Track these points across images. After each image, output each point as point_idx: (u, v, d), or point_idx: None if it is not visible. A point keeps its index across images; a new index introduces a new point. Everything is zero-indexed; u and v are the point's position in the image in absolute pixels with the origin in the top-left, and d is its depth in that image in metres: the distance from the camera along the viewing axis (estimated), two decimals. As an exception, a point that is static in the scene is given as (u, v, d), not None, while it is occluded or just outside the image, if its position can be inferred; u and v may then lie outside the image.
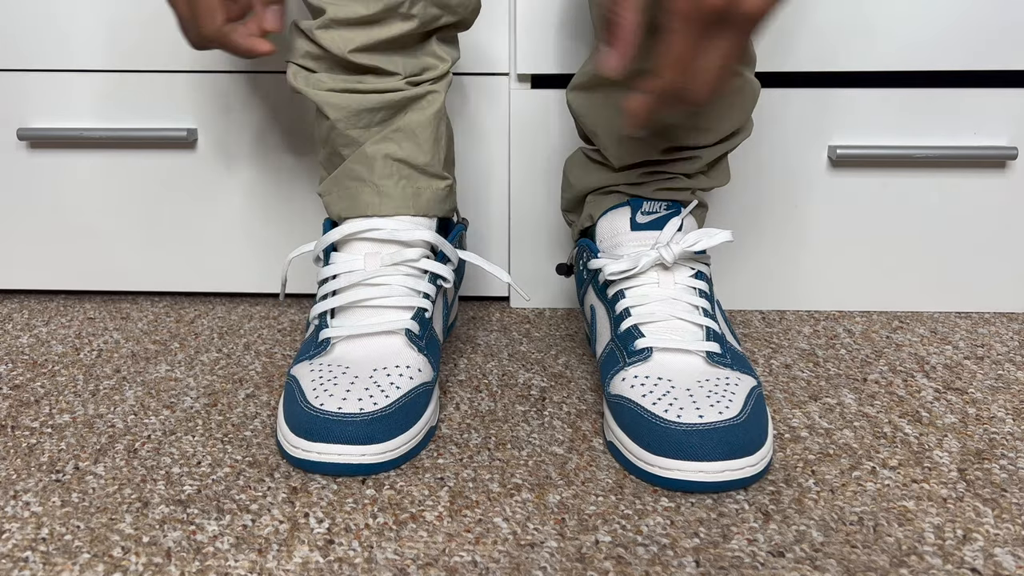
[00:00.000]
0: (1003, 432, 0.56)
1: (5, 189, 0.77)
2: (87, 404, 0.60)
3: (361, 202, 0.58)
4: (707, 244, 0.57)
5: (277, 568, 0.43)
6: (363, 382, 0.52)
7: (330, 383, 0.52)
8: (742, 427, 0.49)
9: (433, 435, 0.55)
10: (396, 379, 0.53)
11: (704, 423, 0.48)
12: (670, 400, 0.51)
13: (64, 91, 0.74)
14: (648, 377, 0.53)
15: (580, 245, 0.64)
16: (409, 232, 0.57)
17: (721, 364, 0.54)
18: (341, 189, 0.59)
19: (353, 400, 0.50)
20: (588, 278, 0.63)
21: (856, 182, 0.73)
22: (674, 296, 0.57)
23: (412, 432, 0.52)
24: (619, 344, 0.56)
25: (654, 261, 0.57)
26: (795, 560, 0.44)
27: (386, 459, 0.50)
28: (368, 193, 0.58)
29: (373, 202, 0.58)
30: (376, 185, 0.58)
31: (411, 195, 0.58)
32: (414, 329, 0.55)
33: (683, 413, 0.49)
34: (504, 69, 0.72)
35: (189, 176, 0.76)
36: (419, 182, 0.59)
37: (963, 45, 0.69)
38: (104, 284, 0.80)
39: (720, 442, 0.48)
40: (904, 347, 0.70)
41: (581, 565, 0.43)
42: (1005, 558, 0.44)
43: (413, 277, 0.57)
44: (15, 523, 0.47)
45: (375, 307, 0.56)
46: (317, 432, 0.49)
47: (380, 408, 0.50)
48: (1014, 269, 0.75)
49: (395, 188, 0.58)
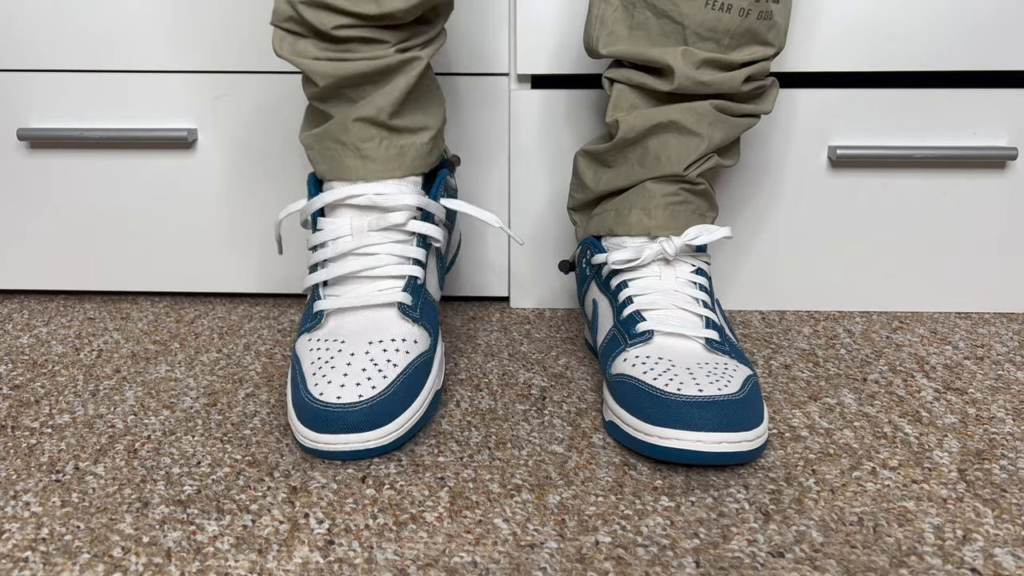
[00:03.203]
0: (1003, 432, 0.56)
1: (5, 189, 0.77)
2: (87, 404, 0.60)
3: (344, 166, 0.57)
4: (707, 239, 0.59)
5: (277, 568, 0.43)
6: (360, 360, 0.52)
7: (327, 365, 0.52)
8: (741, 403, 0.49)
9: (440, 399, 0.56)
10: (392, 355, 0.53)
11: (703, 395, 0.49)
12: (671, 376, 0.52)
13: (64, 91, 0.74)
14: (649, 357, 0.54)
15: (584, 243, 0.65)
16: (393, 198, 0.56)
17: (720, 351, 0.55)
18: (324, 149, 0.58)
19: (351, 386, 0.51)
20: (591, 274, 0.64)
21: (856, 182, 0.73)
22: (675, 288, 0.58)
23: (415, 406, 0.53)
24: (621, 328, 0.58)
25: (656, 254, 0.58)
26: (795, 560, 0.44)
27: (391, 440, 0.51)
28: (350, 157, 0.57)
29: (356, 165, 0.57)
30: (358, 148, 0.57)
31: (395, 156, 0.57)
32: (406, 301, 0.56)
33: (683, 387, 0.50)
34: (504, 69, 0.72)
35: (189, 176, 0.76)
36: (401, 139, 0.58)
37: (963, 45, 0.69)
38: (104, 284, 0.80)
39: (719, 414, 0.49)
40: (904, 347, 0.70)
41: (581, 566, 0.43)
42: (1005, 558, 0.44)
43: (401, 243, 0.57)
44: (15, 523, 0.47)
45: (366, 278, 0.56)
46: (320, 424, 0.50)
47: (379, 392, 0.51)
48: (1014, 269, 0.75)
49: (377, 150, 0.57)
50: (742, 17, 0.56)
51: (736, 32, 0.57)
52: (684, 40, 0.57)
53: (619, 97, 0.61)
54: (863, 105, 0.71)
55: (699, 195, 0.61)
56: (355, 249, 0.56)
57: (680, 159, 0.59)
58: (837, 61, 0.70)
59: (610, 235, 0.62)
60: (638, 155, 0.61)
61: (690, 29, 0.56)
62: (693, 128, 0.59)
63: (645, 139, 0.60)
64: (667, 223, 0.60)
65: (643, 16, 0.57)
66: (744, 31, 0.57)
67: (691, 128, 0.59)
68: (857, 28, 0.69)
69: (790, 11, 0.60)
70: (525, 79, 0.73)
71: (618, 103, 0.61)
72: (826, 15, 0.69)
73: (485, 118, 0.74)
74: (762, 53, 0.58)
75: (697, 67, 0.57)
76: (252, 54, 0.72)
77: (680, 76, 0.57)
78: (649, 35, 0.58)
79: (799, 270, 0.76)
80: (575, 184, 0.67)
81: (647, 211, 0.60)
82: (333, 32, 0.54)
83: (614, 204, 0.62)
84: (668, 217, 0.60)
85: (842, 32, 0.69)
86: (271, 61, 0.72)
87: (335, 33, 0.54)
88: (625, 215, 0.61)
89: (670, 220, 0.60)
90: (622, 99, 0.61)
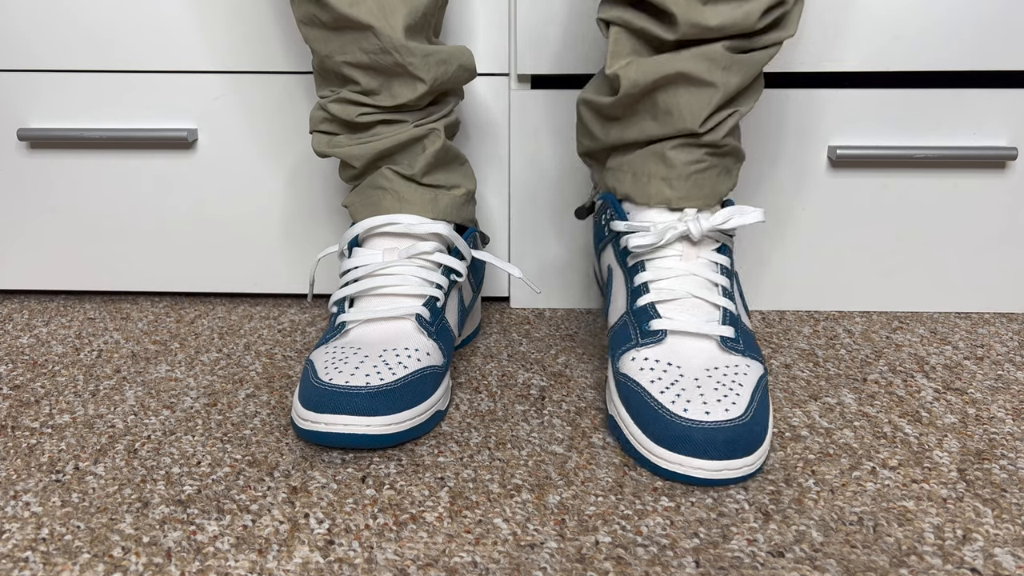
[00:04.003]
0: (1003, 432, 0.56)
1: (5, 189, 0.77)
2: (87, 404, 0.60)
3: (383, 206, 0.61)
4: (738, 223, 0.54)
5: (277, 568, 0.43)
6: (372, 360, 0.54)
7: (341, 362, 0.54)
8: (745, 427, 0.49)
9: (441, 419, 0.57)
10: (404, 359, 0.54)
11: (709, 421, 0.48)
12: (678, 391, 0.51)
13: (64, 91, 0.74)
14: (659, 361, 0.53)
15: (605, 198, 0.60)
16: (425, 226, 0.60)
17: (734, 350, 0.54)
18: (364, 198, 0.62)
19: (361, 376, 0.52)
20: (609, 237, 0.60)
21: (856, 182, 0.73)
22: (695, 271, 0.55)
23: (418, 410, 0.53)
24: (634, 320, 0.56)
25: (681, 234, 0.55)
26: (795, 560, 0.44)
27: (389, 431, 0.51)
28: (389, 199, 0.61)
29: (393, 205, 0.61)
30: (397, 192, 0.61)
31: (429, 200, 0.61)
32: (424, 315, 0.58)
33: (689, 407, 0.49)
34: (504, 69, 0.72)
35: (189, 176, 0.76)
36: (436, 191, 0.62)
37: (963, 45, 0.69)
38: (104, 284, 0.80)
39: (724, 441, 0.48)
40: (904, 347, 0.70)
41: (581, 566, 0.43)
42: (1005, 558, 0.44)
43: (427, 269, 0.60)
44: (15, 523, 0.47)
45: (389, 295, 0.59)
46: (325, 404, 0.51)
47: (386, 383, 0.52)
48: (1014, 269, 0.75)
49: (414, 194, 0.61)
50: None
51: None
52: None
53: (617, 43, 0.54)
54: (863, 105, 0.71)
55: (725, 155, 0.56)
56: (382, 269, 0.59)
57: (695, 114, 0.53)
58: (837, 61, 0.70)
59: (628, 201, 0.58)
60: (648, 108, 0.55)
61: None
62: (705, 77, 0.52)
63: (652, 93, 0.54)
64: (690, 193, 0.55)
65: None
66: None
67: (703, 77, 0.52)
68: (858, 28, 0.69)
69: None
70: (525, 79, 0.73)
71: (617, 50, 0.54)
72: (827, 15, 0.69)
73: (485, 118, 0.74)
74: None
75: (704, 2, 0.49)
76: (252, 54, 0.72)
77: (684, 23, 0.50)
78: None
79: (799, 270, 0.76)
80: (582, 131, 0.62)
81: (668, 182, 0.56)
82: (358, 120, 0.60)
83: (630, 164, 0.58)
84: (691, 187, 0.55)
85: (843, 32, 0.69)
86: (271, 61, 0.72)
87: (359, 120, 0.60)
88: (644, 183, 0.57)
89: (694, 189, 0.55)
90: (621, 45, 0.54)
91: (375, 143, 0.60)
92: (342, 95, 0.60)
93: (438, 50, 0.59)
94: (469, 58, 0.61)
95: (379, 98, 0.59)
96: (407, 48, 0.57)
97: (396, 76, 0.58)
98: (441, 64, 0.59)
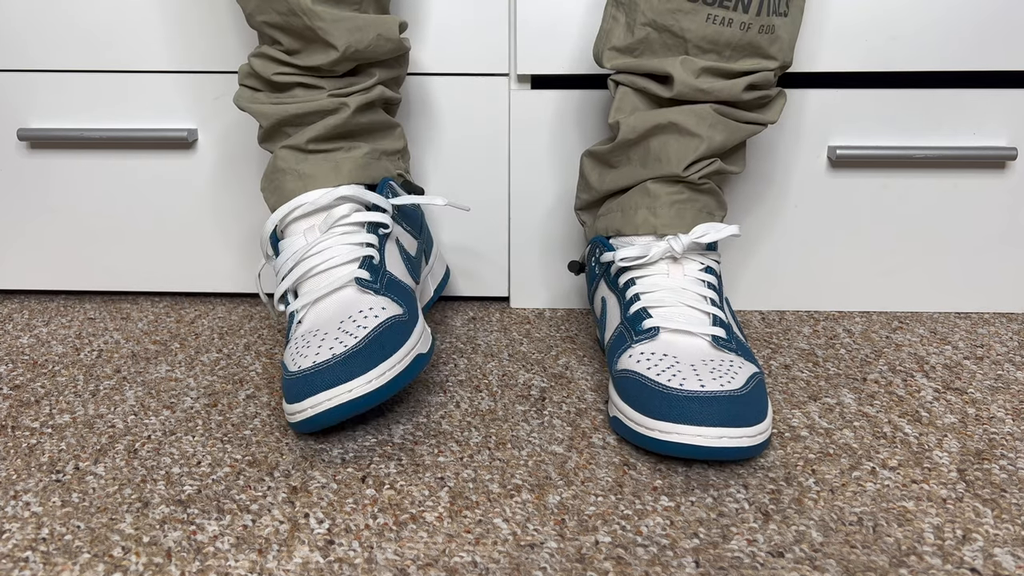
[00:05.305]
0: (1003, 432, 0.56)
1: (5, 189, 0.77)
2: (87, 404, 0.60)
3: (287, 190, 0.61)
4: (714, 236, 0.59)
5: (277, 568, 0.43)
6: (333, 335, 0.54)
7: (304, 347, 0.54)
8: (743, 399, 0.50)
9: (425, 361, 0.56)
10: (361, 321, 0.54)
11: (705, 391, 0.50)
12: (674, 372, 0.52)
13: (64, 91, 0.74)
14: (654, 353, 0.55)
15: (593, 242, 0.65)
16: (330, 195, 0.60)
17: (727, 349, 0.55)
18: (269, 183, 0.62)
19: (325, 350, 0.52)
20: (600, 272, 0.64)
21: (856, 182, 0.73)
22: (683, 286, 0.58)
23: (395, 359, 0.52)
24: (628, 325, 0.58)
25: (664, 252, 0.59)
26: (795, 560, 0.44)
27: (374, 387, 0.51)
28: (290, 180, 0.61)
29: (296, 186, 0.61)
30: (296, 171, 0.61)
31: (330, 169, 0.61)
32: (364, 276, 0.57)
33: (685, 382, 0.51)
34: (504, 69, 0.72)
35: (189, 176, 0.76)
36: (335, 156, 0.62)
37: (962, 45, 0.69)
38: (104, 284, 0.80)
39: (720, 409, 0.49)
40: (904, 347, 0.70)
41: (581, 566, 0.43)
42: (1005, 558, 0.44)
43: (350, 234, 0.60)
44: (15, 523, 0.47)
45: (323, 271, 0.59)
46: (304, 390, 0.51)
47: (351, 347, 0.51)
48: (1014, 269, 0.75)
49: (314, 167, 0.61)
50: (743, 31, 0.57)
51: (737, 45, 0.58)
52: (686, 52, 0.58)
53: (622, 99, 0.62)
54: (863, 105, 0.71)
55: (704, 193, 0.61)
56: (308, 251, 0.59)
57: (680, 159, 0.60)
58: (837, 61, 0.70)
59: (618, 235, 0.63)
60: (640, 155, 0.62)
61: (691, 43, 0.58)
62: (692, 129, 0.59)
63: (646, 140, 0.61)
64: (673, 221, 0.60)
65: (644, 32, 0.59)
66: (745, 44, 0.58)
67: (691, 129, 0.59)
68: (858, 28, 0.69)
69: (798, 27, 0.60)
70: (525, 79, 0.73)
71: (621, 105, 0.62)
72: (827, 15, 0.69)
73: (485, 118, 0.74)
74: (763, 65, 0.59)
75: (697, 75, 0.58)
76: (252, 54, 0.72)
77: (680, 83, 0.58)
78: (652, 48, 0.59)
79: (799, 270, 0.76)
80: (581, 185, 0.68)
81: (653, 210, 0.61)
82: (274, 78, 0.60)
83: (619, 204, 0.63)
84: (674, 215, 0.60)
85: (842, 32, 0.69)
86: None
87: (276, 79, 0.60)
88: (631, 215, 0.62)
89: (676, 218, 0.60)
90: (625, 101, 0.62)
91: (287, 106, 0.61)
92: (263, 50, 0.61)
93: (354, 17, 0.59)
94: (391, 28, 0.61)
95: (298, 57, 0.60)
96: (314, 12, 0.57)
97: (311, 41, 0.59)
98: (356, 31, 0.59)
